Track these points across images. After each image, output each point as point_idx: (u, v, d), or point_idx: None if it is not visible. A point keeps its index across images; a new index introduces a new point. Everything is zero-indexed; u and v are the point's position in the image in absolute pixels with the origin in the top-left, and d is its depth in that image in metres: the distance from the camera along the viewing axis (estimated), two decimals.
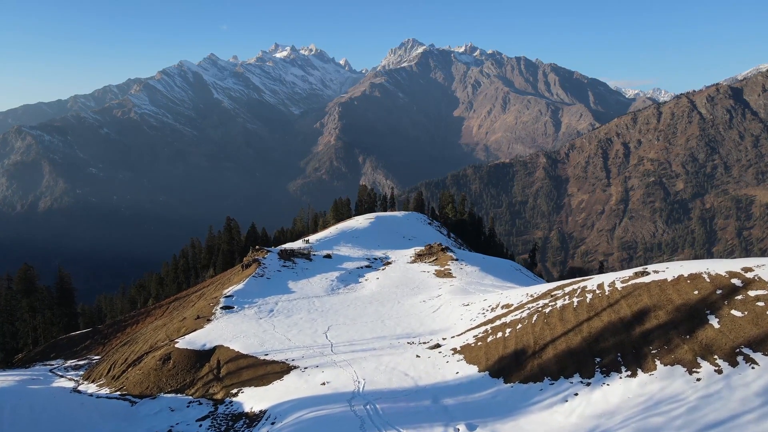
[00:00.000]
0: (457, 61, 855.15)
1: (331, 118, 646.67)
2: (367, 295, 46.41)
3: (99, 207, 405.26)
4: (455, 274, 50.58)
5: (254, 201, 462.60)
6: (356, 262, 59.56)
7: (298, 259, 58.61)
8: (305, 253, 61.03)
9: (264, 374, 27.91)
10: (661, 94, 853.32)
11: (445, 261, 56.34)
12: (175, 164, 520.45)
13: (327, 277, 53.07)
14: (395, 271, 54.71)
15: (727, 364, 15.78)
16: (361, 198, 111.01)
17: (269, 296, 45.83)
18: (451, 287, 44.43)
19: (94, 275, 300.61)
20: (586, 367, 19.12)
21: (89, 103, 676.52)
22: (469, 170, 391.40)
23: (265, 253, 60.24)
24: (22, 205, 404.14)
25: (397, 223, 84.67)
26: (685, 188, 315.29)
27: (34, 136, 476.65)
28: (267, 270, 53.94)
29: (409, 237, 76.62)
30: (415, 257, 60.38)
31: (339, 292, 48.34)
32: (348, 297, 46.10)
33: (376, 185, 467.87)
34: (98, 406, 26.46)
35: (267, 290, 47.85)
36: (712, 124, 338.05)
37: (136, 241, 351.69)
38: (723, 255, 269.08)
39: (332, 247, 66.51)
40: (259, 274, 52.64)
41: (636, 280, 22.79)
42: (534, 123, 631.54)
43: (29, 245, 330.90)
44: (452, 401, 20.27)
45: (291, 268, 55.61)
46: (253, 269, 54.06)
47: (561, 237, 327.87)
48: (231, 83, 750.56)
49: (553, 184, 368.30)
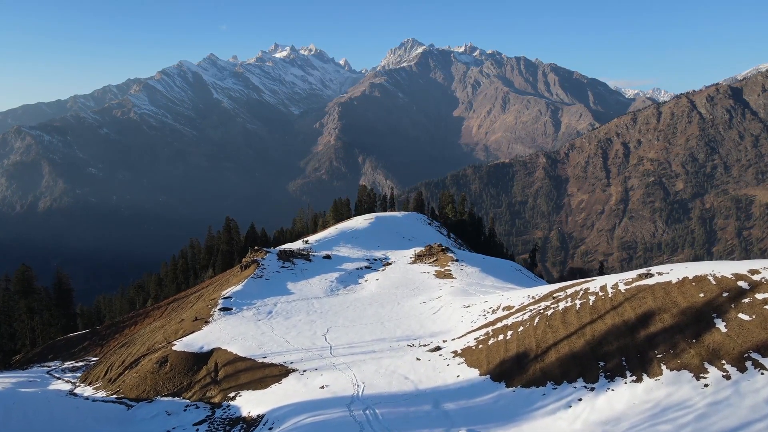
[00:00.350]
0: (456, 61, 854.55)
1: (330, 118, 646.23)
2: (367, 296, 45.98)
3: (99, 207, 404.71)
4: (455, 275, 50.07)
5: (254, 201, 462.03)
6: (356, 262, 59.11)
7: (297, 260, 58.16)
8: (304, 253, 60.65)
9: (262, 377, 27.53)
10: (661, 94, 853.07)
11: (446, 262, 55.88)
12: (175, 164, 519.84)
13: (326, 278, 52.59)
14: (395, 272, 54.20)
15: (736, 369, 15.39)
16: (360, 198, 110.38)
17: (268, 297, 45.36)
18: (451, 288, 43.98)
19: (93, 275, 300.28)
20: (590, 372, 18.74)
21: (89, 103, 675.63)
22: (468, 170, 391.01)
23: (264, 253, 59.80)
24: (21, 206, 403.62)
25: (397, 223, 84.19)
26: (685, 188, 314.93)
27: (33, 136, 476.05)
28: (266, 271, 53.45)
29: (408, 237, 76.22)
30: (415, 258, 59.98)
31: (338, 293, 47.88)
32: (347, 298, 45.65)
33: (375, 185, 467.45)
34: (93, 410, 26.07)
35: (266, 291, 47.37)
36: (711, 124, 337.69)
37: (135, 242, 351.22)
38: (723, 255, 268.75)
39: (332, 247, 66.09)
40: (258, 275, 52.14)
41: (639, 282, 22.41)
42: (534, 123, 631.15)
43: (29, 245, 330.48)
44: (453, 406, 19.89)
45: (290, 269, 55.17)
46: (252, 270, 53.58)
47: (561, 237, 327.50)
48: (231, 83, 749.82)
49: (552, 184, 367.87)
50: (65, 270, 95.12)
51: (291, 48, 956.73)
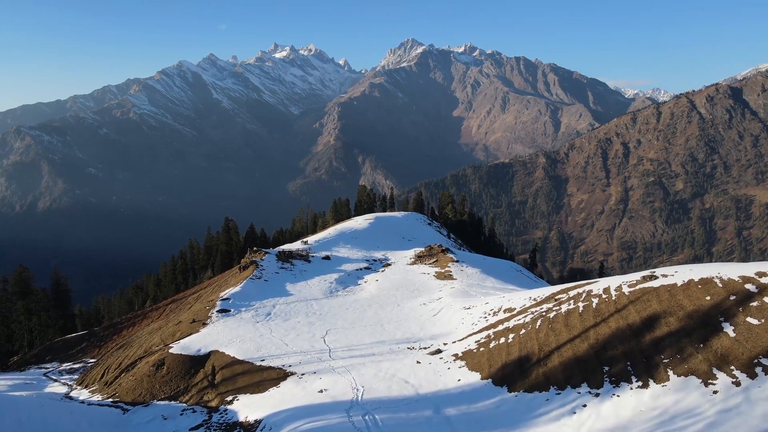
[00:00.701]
0: (456, 61, 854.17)
1: (330, 118, 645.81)
2: (366, 297, 45.51)
3: (98, 207, 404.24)
4: (456, 276, 49.61)
5: (254, 201, 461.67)
6: (355, 263, 58.45)
7: (296, 261, 57.42)
8: (303, 254, 59.94)
9: (260, 381, 27.10)
10: (660, 94, 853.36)
11: (446, 263, 55.31)
12: (175, 164, 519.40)
13: (325, 279, 52.02)
14: (395, 273, 53.75)
15: (746, 375, 14.98)
16: (360, 198, 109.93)
17: (267, 299, 44.85)
18: (451, 290, 43.50)
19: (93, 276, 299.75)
20: (595, 377, 18.32)
21: (88, 103, 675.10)
22: (468, 170, 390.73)
23: (263, 254, 59.02)
24: (21, 206, 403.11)
25: (397, 223, 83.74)
26: (685, 188, 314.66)
27: (33, 136, 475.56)
28: (265, 272, 52.84)
29: (408, 238, 75.78)
30: (415, 259, 59.35)
31: (338, 294, 47.40)
32: (347, 300, 45.19)
33: (375, 185, 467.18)
34: (88, 414, 25.64)
35: (264, 293, 46.91)
36: (711, 123, 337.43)
37: (135, 242, 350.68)
38: (723, 255, 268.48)
39: (331, 248, 65.52)
40: (257, 276, 51.45)
41: (644, 284, 22.00)
42: (533, 123, 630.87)
43: (28, 246, 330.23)
44: (454, 411, 19.48)
45: (289, 270, 54.56)
46: (251, 271, 52.95)
47: (561, 237, 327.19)
48: (230, 83, 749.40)
49: (552, 184, 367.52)
50: (64, 270, 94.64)
51: (291, 48, 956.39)
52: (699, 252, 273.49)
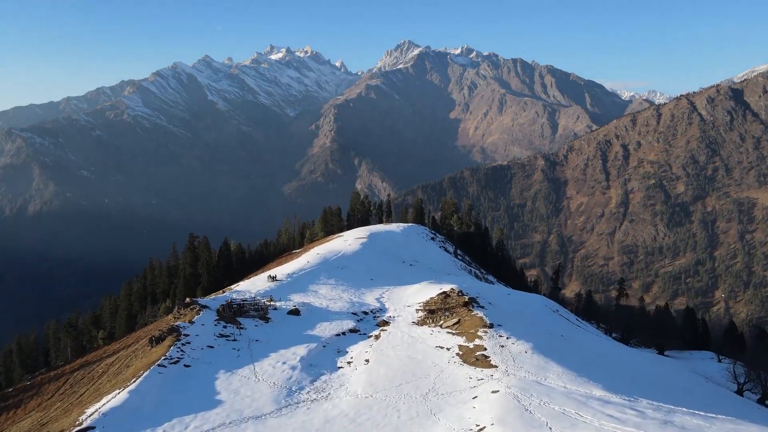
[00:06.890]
0: (453, 63, 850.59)
1: (326, 119, 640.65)
2: (346, 414, 26.81)
3: (90, 210, 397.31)
4: (494, 361, 32.25)
5: (248, 203, 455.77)
6: (336, 321, 43.00)
7: (247, 321, 41.88)
8: (262, 307, 44.73)
9: None
10: (657, 96, 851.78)
11: (472, 326, 38.76)
12: (169, 167, 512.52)
13: (286, 360, 34.55)
14: (395, 346, 36.69)
15: None
16: (353, 207, 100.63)
17: (171, 419, 25.99)
18: (496, 400, 25.25)
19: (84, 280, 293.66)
20: None
21: (81, 104, 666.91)
22: (466, 173, 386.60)
23: (198, 311, 42.23)
24: (11, 209, 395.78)
25: (395, 241, 75.20)
26: (686, 191, 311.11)
27: (24, 138, 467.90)
28: (190, 347, 35.21)
29: (410, 262, 67.40)
30: (425, 315, 43.72)
31: (298, 403, 28.49)
32: (311, 419, 26.31)
33: (371, 187, 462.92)
34: None
35: (173, 400, 28.20)
36: (712, 125, 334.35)
37: (128, 245, 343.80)
38: (725, 258, 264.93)
39: (307, 286, 52.39)
40: (173, 358, 33.18)
41: None
42: (531, 125, 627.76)
43: (18, 250, 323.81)
44: None
45: (232, 340, 37.78)
46: (164, 349, 34.66)
47: (560, 240, 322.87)
48: (225, 85, 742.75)
49: (551, 186, 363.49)
50: (55, 275, 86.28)
51: (287, 50, 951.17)
52: (701, 256, 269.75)
